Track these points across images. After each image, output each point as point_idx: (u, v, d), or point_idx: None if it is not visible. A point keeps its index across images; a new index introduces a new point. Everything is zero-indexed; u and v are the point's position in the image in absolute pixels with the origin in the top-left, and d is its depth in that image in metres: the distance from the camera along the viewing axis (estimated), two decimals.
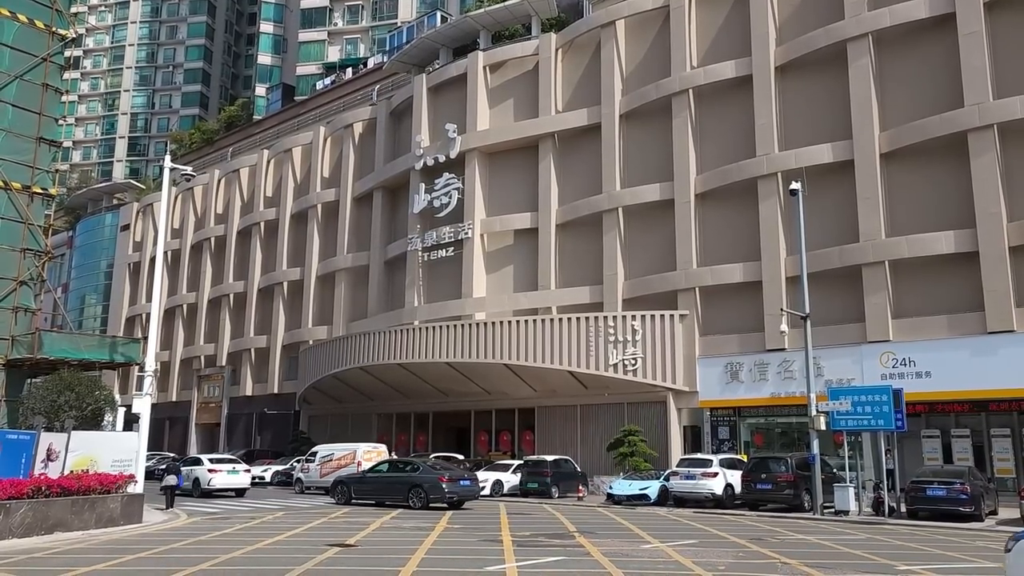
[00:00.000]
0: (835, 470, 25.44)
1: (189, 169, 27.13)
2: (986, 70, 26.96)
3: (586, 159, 37.16)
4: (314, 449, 34.46)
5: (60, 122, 32.83)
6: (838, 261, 29.17)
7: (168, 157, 26.25)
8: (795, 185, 25.66)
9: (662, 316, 32.62)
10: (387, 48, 57.85)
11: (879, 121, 29.20)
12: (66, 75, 35.07)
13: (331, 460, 32.31)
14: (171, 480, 24.28)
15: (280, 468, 38.64)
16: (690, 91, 33.98)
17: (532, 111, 39.21)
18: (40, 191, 29.46)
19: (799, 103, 31.58)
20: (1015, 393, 24.98)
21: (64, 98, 33.24)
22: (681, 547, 15.17)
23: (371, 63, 58.69)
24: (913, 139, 28.22)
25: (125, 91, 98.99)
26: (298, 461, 37.70)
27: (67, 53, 32.23)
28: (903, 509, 22.13)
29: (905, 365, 26.99)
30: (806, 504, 23.71)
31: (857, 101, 29.52)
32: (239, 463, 31.17)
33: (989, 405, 25.90)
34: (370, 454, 31.48)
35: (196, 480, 29.37)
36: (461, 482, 24.35)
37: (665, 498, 26.72)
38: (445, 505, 24.20)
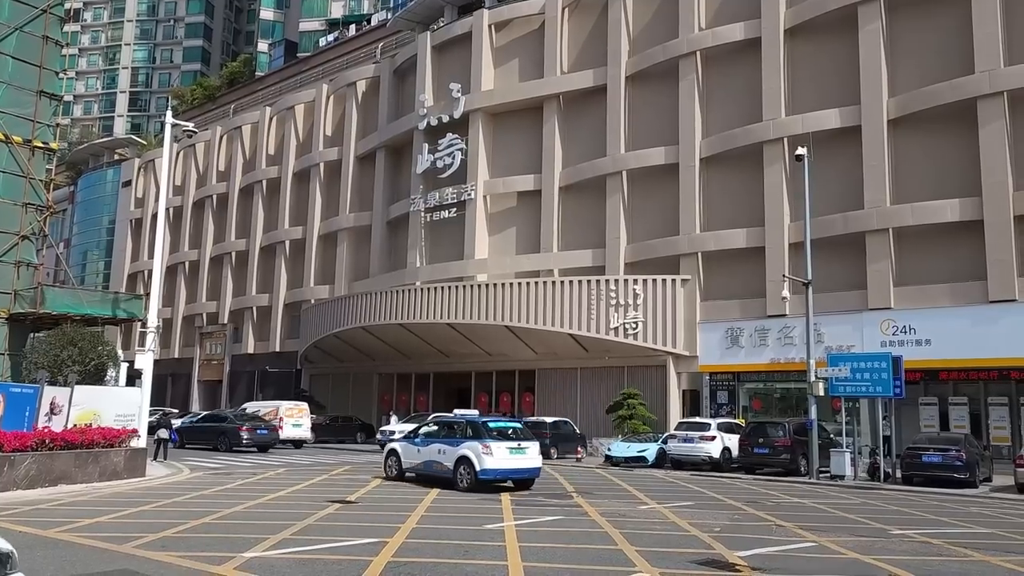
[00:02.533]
0: (832, 435, 25.64)
1: (191, 125, 26.92)
2: (998, 36, 26.56)
3: (591, 121, 36.82)
4: (244, 406, 37.78)
5: (61, 75, 32.46)
6: (842, 228, 29.05)
7: (169, 113, 26.03)
8: (801, 151, 25.44)
9: (664, 280, 32.61)
10: (391, 5, 57.08)
11: (888, 87, 28.86)
12: (66, 27, 34.63)
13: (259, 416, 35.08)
14: (163, 433, 24.90)
15: None
16: (697, 53, 33.54)
17: (537, 72, 38.76)
18: (41, 145, 29.24)
19: (807, 67, 31.18)
20: (1015, 362, 25.07)
21: (64, 51, 32.81)
22: (677, 508, 15.36)
23: (375, 20, 57.94)
24: (921, 106, 27.92)
25: (126, 45, 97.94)
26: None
27: (67, 5, 31.78)
28: (898, 475, 22.36)
29: (905, 333, 27.05)
30: (802, 468, 23.94)
31: (866, 66, 29.14)
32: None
33: (991, 373, 26.00)
34: (291, 411, 34.73)
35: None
36: (258, 431, 30.96)
37: (663, 461, 26.99)
38: (247, 449, 30.31)
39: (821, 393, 23.89)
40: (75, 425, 19.22)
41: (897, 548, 11.35)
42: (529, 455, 18.31)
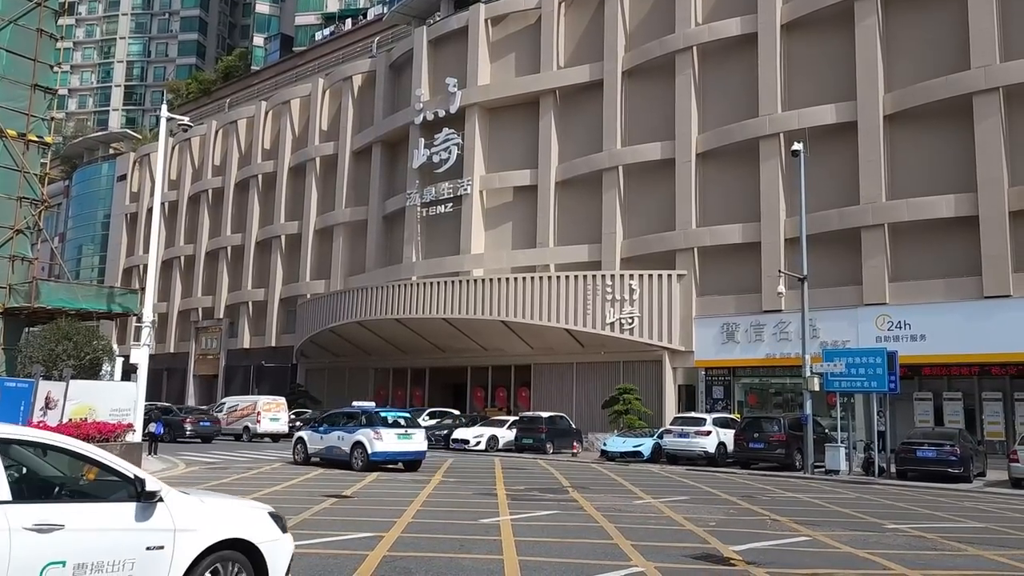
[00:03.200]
0: (827, 430, 25.72)
1: (187, 120, 26.84)
2: (994, 32, 26.59)
3: (587, 116, 36.80)
4: (222, 400, 39.51)
5: (55, 69, 32.33)
6: (838, 223, 29.10)
7: (165, 107, 25.92)
8: (797, 146, 25.46)
9: (660, 276, 32.64)
10: None
11: (884, 83, 28.89)
12: (61, 21, 34.46)
13: (236, 410, 36.21)
14: (152, 428, 25.06)
15: None
16: (694, 48, 33.53)
17: (534, 66, 38.72)
18: (36, 139, 29.16)
19: (804, 63, 31.19)
20: (1010, 357, 25.16)
21: (59, 44, 32.70)
22: (673, 503, 15.40)
23: (371, 14, 57.80)
24: (917, 101, 27.95)
25: (121, 38, 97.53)
26: (296, 414, 38.70)
27: None
28: (893, 470, 22.44)
29: (900, 328, 27.12)
30: (797, 463, 24.02)
31: (862, 62, 29.16)
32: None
33: (986, 369, 26.09)
34: (269, 405, 35.56)
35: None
36: (201, 423, 33.04)
37: (658, 455, 27.04)
38: (191, 439, 32.30)
39: (816, 388, 23.95)
40: (70, 420, 19.16)
41: (891, 542, 11.40)
42: (415, 440, 21.25)
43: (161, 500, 5.49)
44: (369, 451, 20.50)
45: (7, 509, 4.78)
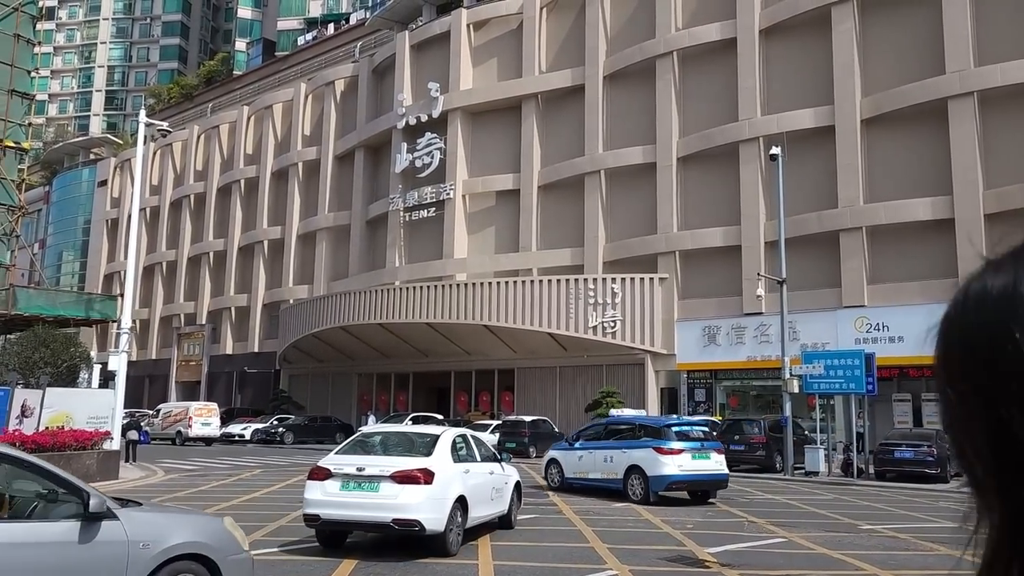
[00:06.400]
0: (807, 432, 25.88)
1: (165, 125, 26.75)
2: (968, 37, 26.92)
3: (569, 120, 36.91)
4: (159, 407, 40.73)
5: (34, 74, 32.09)
6: (816, 226, 29.33)
7: (143, 112, 25.80)
8: (775, 150, 25.65)
9: (642, 279, 32.76)
10: (370, 3, 56.90)
11: (861, 87, 29.18)
12: (40, 25, 34.26)
13: (170, 415, 37.30)
14: (132, 435, 24.75)
15: (260, 426, 38.80)
16: (674, 53, 33.72)
17: (516, 71, 38.81)
18: (12, 145, 28.96)
19: (783, 67, 31.44)
20: None
21: (38, 49, 32.50)
22: (650, 506, 15.44)
23: (354, 19, 57.76)
24: (894, 106, 28.25)
25: (102, 43, 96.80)
26: (279, 419, 38.68)
27: (40, 3, 31.42)
28: (871, 471, 22.62)
29: (879, 330, 27.35)
30: (777, 465, 24.15)
31: (840, 66, 29.44)
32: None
33: None
34: (200, 410, 36.54)
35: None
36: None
37: None
38: None
39: (796, 390, 24.10)
40: (47, 427, 19.01)
41: (866, 543, 11.50)
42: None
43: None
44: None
45: None
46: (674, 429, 16.52)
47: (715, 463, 16.27)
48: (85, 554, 5.15)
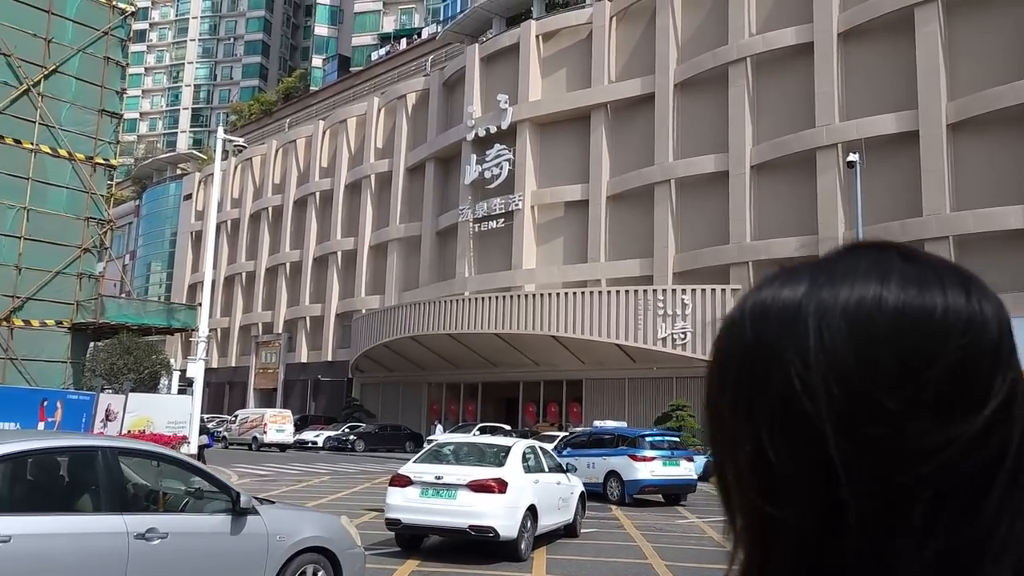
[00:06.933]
0: None
1: (241, 140, 27.62)
2: None
3: (638, 130, 36.54)
4: (236, 412, 42.67)
5: (125, 94, 33.64)
6: (900, 236, 28.11)
7: (221, 128, 26.76)
8: (852, 157, 24.76)
9: (713, 290, 32.04)
10: (441, 18, 57.73)
11: (947, 90, 27.93)
12: (133, 48, 35.92)
13: (247, 421, 38.74)
14: (203, 440, 25.49)
15: (332, 434, 39.55)
16: (748, 59, 33.02)
17: (585, 81, 38.67)
18: (102, 161, 30.35)
19: (862, 72, 30.39)
20: None
21: (130, 70, 34.07)
22: (716, 523, 14.99)
23: (425, 33, 58.68)
24: (983, 109, 26.93)
25: (189, 63, 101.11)
26: (350, 427, 39.36)
27: (133, 26, 32.93)
28: None
29: None
30: None
31: (924, 69, 28.27)
32: None
33: None
34: (275, 417, 37.87)
35: None
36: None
37: (711, 473, 26.38)
38: None
39: None
40: (129, 431, 19.80)
41: None
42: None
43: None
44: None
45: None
46: (648, 439, 18.39)
47: (684, 469, 18.31)
48: (235, 544, 5.88)
